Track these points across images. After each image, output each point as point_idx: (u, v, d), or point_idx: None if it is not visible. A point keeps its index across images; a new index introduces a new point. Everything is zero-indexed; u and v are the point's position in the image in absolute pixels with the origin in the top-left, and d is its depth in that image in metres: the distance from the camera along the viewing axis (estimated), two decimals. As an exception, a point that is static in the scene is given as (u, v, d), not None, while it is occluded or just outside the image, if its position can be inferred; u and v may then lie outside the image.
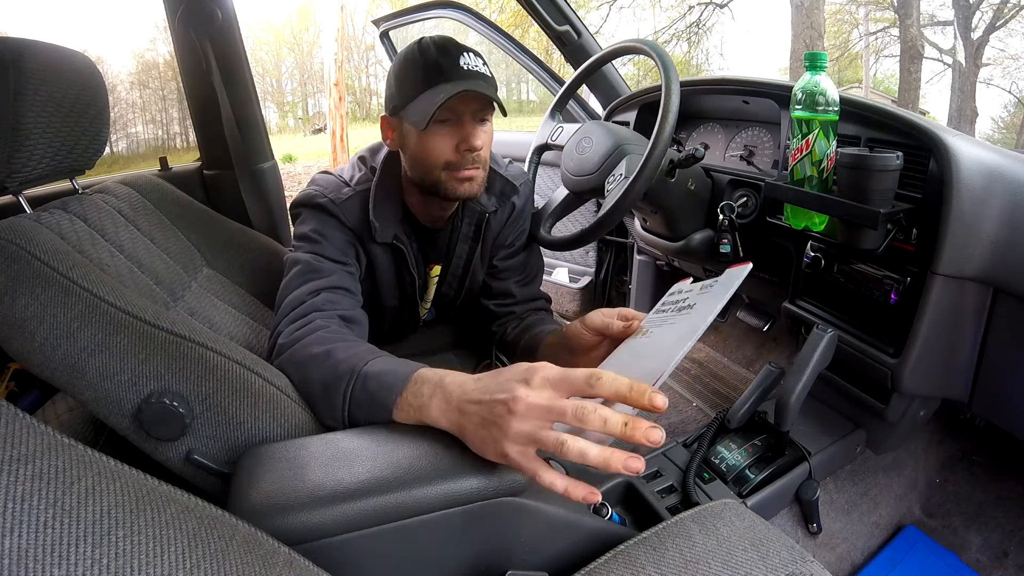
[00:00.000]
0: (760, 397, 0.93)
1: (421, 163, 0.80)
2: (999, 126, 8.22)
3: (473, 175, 0.80)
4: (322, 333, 0.68)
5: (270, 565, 0.38)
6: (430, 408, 0.53)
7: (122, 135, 8.75)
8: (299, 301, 0.73)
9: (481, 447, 0.49)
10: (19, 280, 0.54)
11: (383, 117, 0.83)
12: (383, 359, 0.62)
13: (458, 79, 0.74)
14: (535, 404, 0.46)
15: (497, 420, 0.47)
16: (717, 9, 9.76)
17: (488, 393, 0.49)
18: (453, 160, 0.78)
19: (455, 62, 0.75)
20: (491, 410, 0.48)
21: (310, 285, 0.75)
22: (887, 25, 8.95)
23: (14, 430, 0.30)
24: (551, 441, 0.45)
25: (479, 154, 0.79)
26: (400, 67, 0.78)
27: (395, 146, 0.84)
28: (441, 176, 0.79)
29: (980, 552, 0.97)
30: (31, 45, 0.66)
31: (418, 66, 0.75)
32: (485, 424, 0.48)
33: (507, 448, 0.47)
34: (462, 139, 0.77)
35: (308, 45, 13.42)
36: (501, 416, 0.47)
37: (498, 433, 0.47)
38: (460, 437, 0.52)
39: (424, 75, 0.75)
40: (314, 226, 0.81)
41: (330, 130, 6.84)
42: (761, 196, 1.03)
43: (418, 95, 0.75)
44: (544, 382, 0.47)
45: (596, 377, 0.45)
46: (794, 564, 0.55)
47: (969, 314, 0.83)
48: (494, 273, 0.99)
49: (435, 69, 0.74)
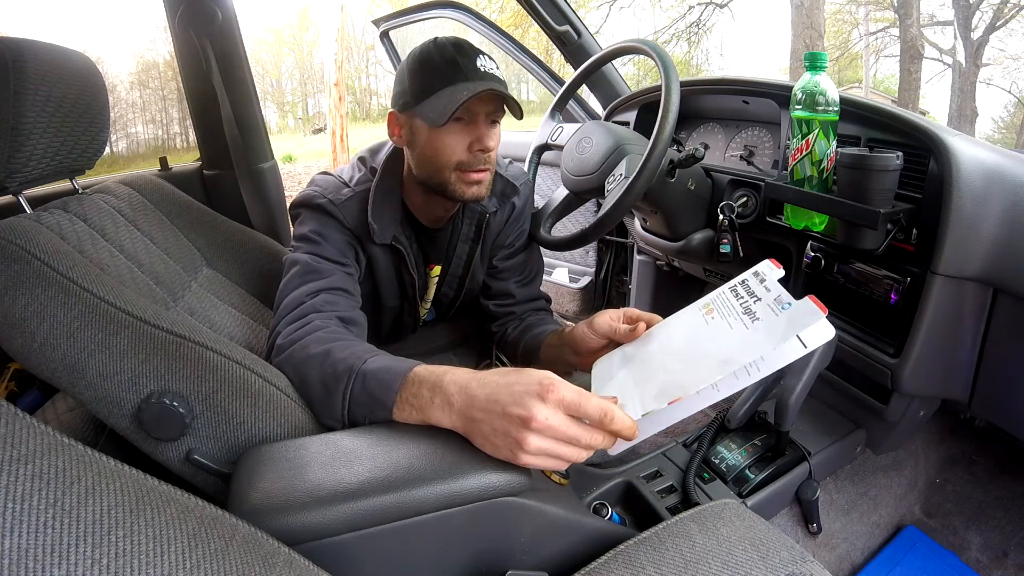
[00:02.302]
0: (760, 397, 0.93)
1: (431, 161, 0.79)
2: (999, 126, 8.22)
3: (482, 178, 0.80)
4: (321, 333, 0.68)
5: (270, 565, 0.38)
6: (431, 410, 0.54)
7: (122, 135, 8.76)
8: (298, 302, 0.73)
9: (492, 451, 0.51)
10: (19, 280, 0.54)
11: (391, 113, 0.83)
12: (381, 357, 0.62)
13: (477, 79, 0.74)
14: (552, 426, 0.48)
15: (511, 432, 0.49)
16: (717, 9, 9.77)
17: (500, 404, 0.50)
18: (465, 160, 0.78)
19: (473, 63, 0.75)
20: (505, 422, 0.49)
21: (309, 286, 0.75)
22: (887, 25, 8.96)
23: (14, 430, 0.30)
24: (572, 456, 0.50)
25: (490, 155, 0.79)
26: (415, 63, 0.78)
27: (402, 143, 0.83)
28: (450, 177, 0.79)
29: (980, 552, 0.98)
30: (31, 45, 0.66)
31: (436, 64, 0.75)
32: (497, 434, 0.50)
33: (524, 459, 0.50)
34: (476, 139, 0.77)
35: (308, 45, 13.44)
36: (517, 429, 0.49)
37: (514, 445, 0.49)
38: (465, 436, 0.53)
39: (442, 73, 0.75)
40: (313, 227, 0.81)
41: (330, 130, 6.84)
42: (761, 196, 1.03)
43: (434, 92, 0.75)
44: (559, 404, 0.49)
45: (610, 418, 0.50)
46: (794, 564, 0.55)
47: (969, 314, 0.83)
48: (494, 273, 0.99)
49: (454, 67, 0.75)
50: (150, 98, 9.25)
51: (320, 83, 11.90)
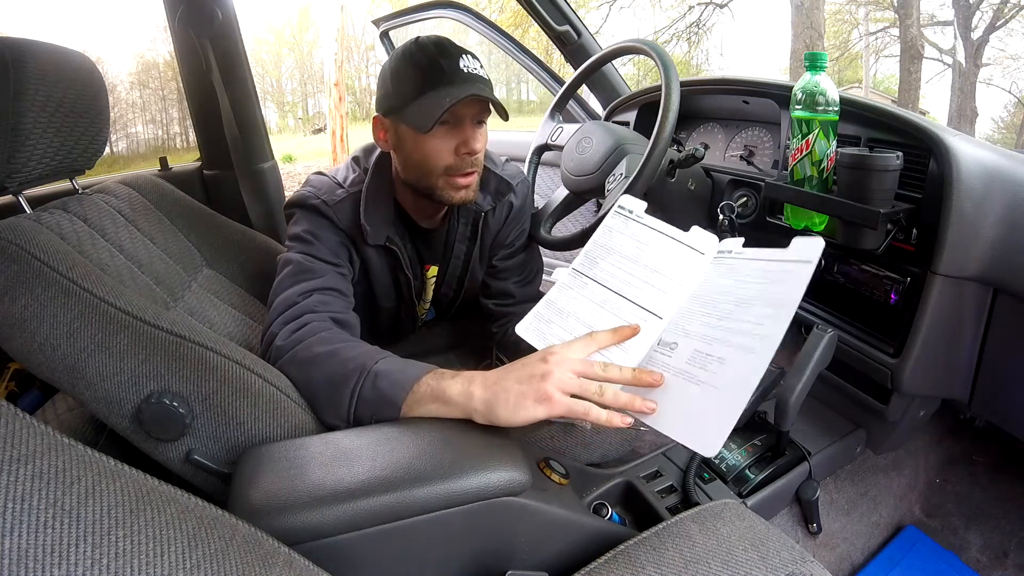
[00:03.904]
0: (760, 397, 0.93)
1: (418, 166, 0.79)
2: (999, 126, 8.21)
3: (469, 182, 0.80)
4: (324, 335, 0.68)
5: (270, 565, 0.38)
6: (451, 385, 0.57)
7: (122, 135, 8.76)
8: (291, 302, 0.73)
9: (517, 402, 0.53)
10: (19, 280, 0.54)
11: (375, 117, 0.82)
12: (392, 359, 0.64)
13: (461, 82, 0.73)
14: (569, 358, 0.55)
15: (535, 373, 0.54)
16: (717, 9, 9.76)
17: (517, 364, 0.56)
18: (452, 163, 0.77)
19: (456, 64, 0.74)
20: (527, 370, 0.55)
21: (302, 286, 0.75)
22: (887, 25, 8.95)
23: (14, 430, 0.30)
24: (591, 388, 0.54)
25: (477, 157, 0.79)
26: (397, 67, 0.77)
27: (388, 147, 0.83)
28: (438, 182, 0.79)
29: (980, 552, 0.97)
30: (31, 45, 0.66)
31: (418, 67, 0.74)
32: (522, 381, 0.54)
33: (556, 399, 0.53)
34: (462, 142, 0.77)
35: (308, 45, 13.43)
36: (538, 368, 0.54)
37: (538, 382, 0.53)
38: (485, 413, 0.55)
39: (425, 76, 0.74)
40: (307, 227, 0.80)
41: (330, 130, 6.85)
42: (761, 196, 1.03)
43: (418, 97, 0.74)
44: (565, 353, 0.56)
45: (604, 366, 0.55)
46: (794, 564, 0.55)
47: (969, 314, 0.83)
48: (493, 273, 0.99)
49: (436, 71, 0.74)
50: (150, 98, 9.25)
51: (320, 83, 11.90)
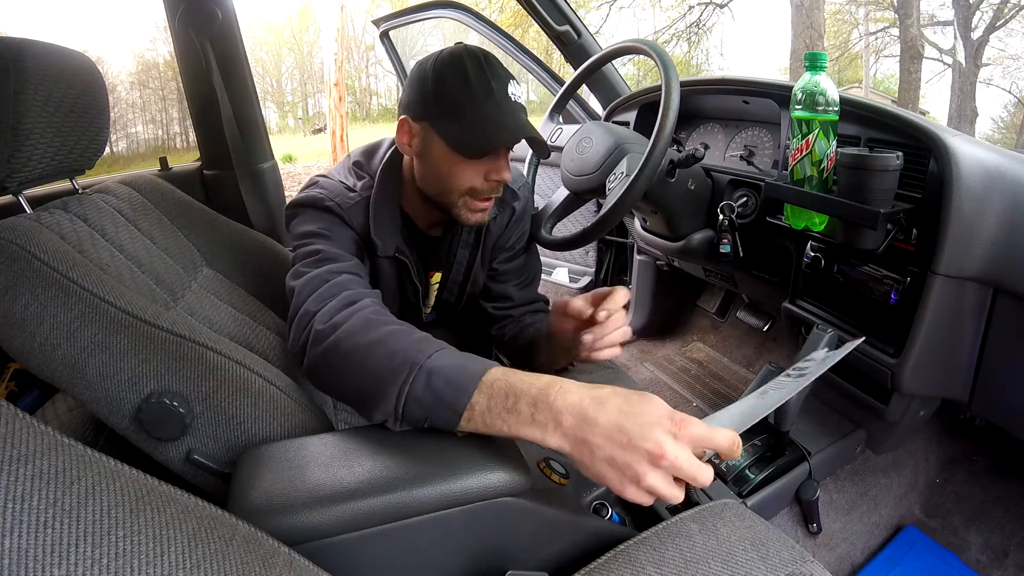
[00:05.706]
0: (760, 397, 0.93)
1: (442, 181, 0.77)
2: (999, 126, 8.22)
3: (488, 206, 0.80)
4: (366, 313, 0.61)
5: (270, 565, 0.38)
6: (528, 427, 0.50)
7: (122, 135, 8.76)
8: (322, 280, 0.67)
9: (597, 476, 0.48)
10: (19, 280, 0.54)
11: (404, 119, 0.77)
12: (448, 352, 0.56)
13: (510, 112, 0.73)
14: (677, 465, 0.46)
15: (634, 465, 0.47)
16: (717, 9, 9.76)
17: (626, 435, 0.47)
18: (478, 187, 0.77)
19: (505, 90, 0.72)
20: (630, 455, 0.47)
21: (329, 266, 0.70)
22: (887, 25, 8.95)
23: (14, 430, 0.30)
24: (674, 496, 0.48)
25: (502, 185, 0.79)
26: (443, 75, 0.73)
27: (411, 152, 0.79)
28: (458, 201, 0.78)
29: (980, 552, 0.97)
30: (31, 45, 0.66)
31: (467, 83, 0.71)
32: (616, 464, 0.47)
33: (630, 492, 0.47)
34: (494, 169, 0.76)
35: (308, 45, 13.41)
36: (640, 463, 0.46)
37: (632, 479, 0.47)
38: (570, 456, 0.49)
39: (474, 96, 0.71)
40: (321, 224, 0.77)
41: (330, 130, 6.85)
42: (761, 196, 1.03)
43: (464, 115, 0.72)
44: (689, 440, 0.47)
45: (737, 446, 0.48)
46: (794, 564, 0.55)
47: (969, 314, 0.83)
48: (494, 276, 0.99)
49: (486, 93, 0.71)
50: (150, 98, 9.25)
51: (320, 83, 11.90)
